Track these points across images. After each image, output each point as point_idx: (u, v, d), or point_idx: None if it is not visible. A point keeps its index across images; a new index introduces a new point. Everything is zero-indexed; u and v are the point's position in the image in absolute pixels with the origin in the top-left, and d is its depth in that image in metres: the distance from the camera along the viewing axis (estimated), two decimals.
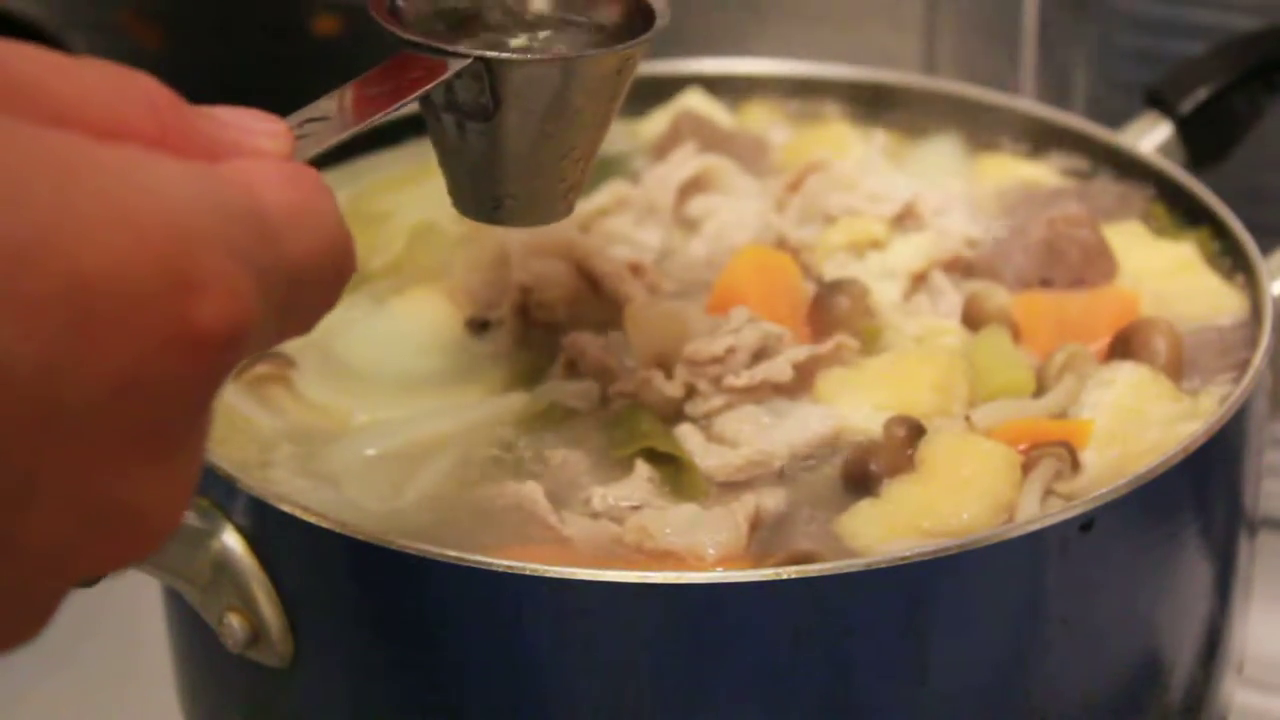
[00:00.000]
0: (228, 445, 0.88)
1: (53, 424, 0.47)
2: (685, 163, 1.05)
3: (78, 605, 0.63)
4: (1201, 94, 1.10)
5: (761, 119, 1.15)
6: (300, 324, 0.57)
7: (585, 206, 1.04)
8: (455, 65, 0.74)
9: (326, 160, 1.09)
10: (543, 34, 0.82)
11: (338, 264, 0.57)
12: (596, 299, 0.96)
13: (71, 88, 0.52)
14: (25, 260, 0.46)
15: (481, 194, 0.79)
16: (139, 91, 0.53)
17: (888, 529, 0.82)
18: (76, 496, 0.48)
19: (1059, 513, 0.79)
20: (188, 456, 0.51)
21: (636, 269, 0.97)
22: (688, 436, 0.87)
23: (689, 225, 1.03)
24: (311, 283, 0.55)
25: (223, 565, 0.81)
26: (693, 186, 1.04)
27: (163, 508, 0.51)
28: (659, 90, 1.15)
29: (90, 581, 0.53)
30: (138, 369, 0.48)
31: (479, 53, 0.74)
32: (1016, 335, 0.94)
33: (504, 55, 0.75)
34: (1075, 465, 0.85)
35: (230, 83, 1.50)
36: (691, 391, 0.89)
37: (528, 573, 0.76)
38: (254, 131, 0.58)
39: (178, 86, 0.55)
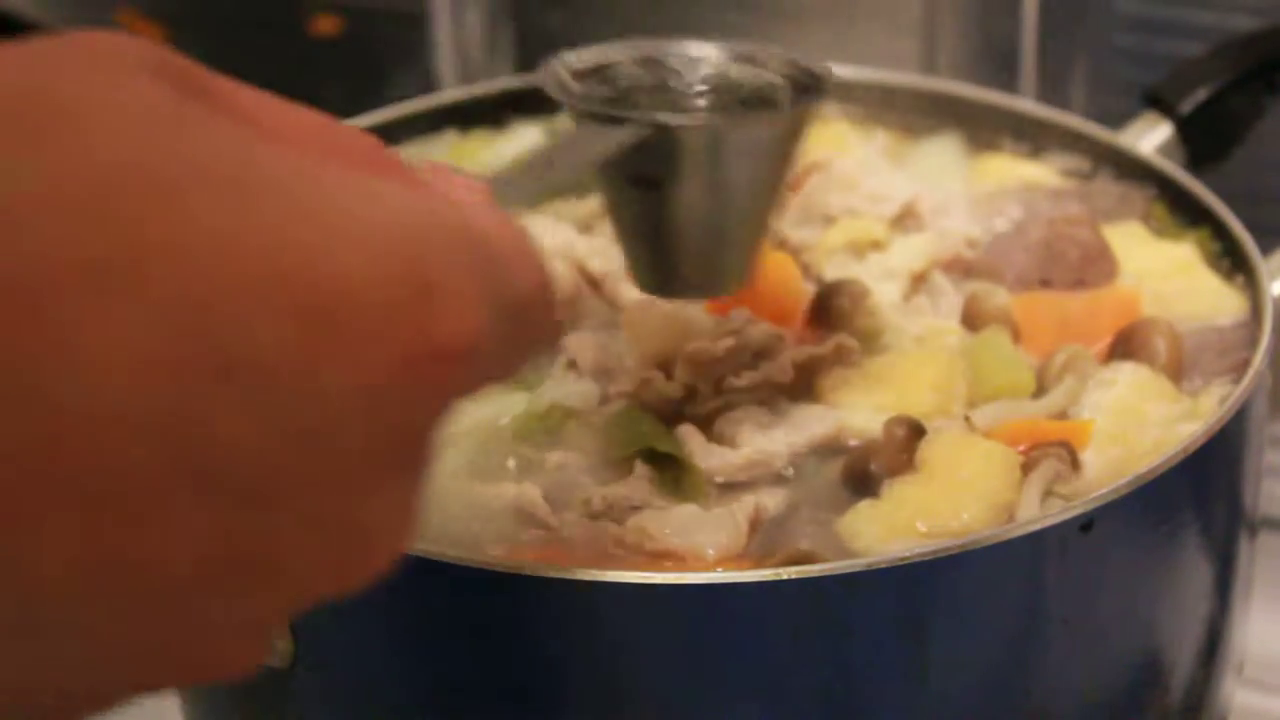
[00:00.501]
0: None
1: (299, 432, 0.47)
2: None
3: None
4: (1201, 94, 1.10)
5: None
6: (510, 364, 0.56)
7: (585, 207, 1.04)
8: (632, 131, 0.73)
9: None
10: (710, 101, 0.82)
11: (549, 305, 0.56)
12: (596, 299, 0.96)
13: (289, 120, 0.53)
14: (274, 265, 0.46)
15: (660, 266, 0.80)
16: (347, 131, 0.54)
17: (888, 529, 0.82)
18: (317, 513, 0.48)
19: (1059, 513, 0.79)
20: (415, 480, 0.51)
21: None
22: (688, 437, 0.87)
23: None
24: (526, 321, 0.54)
25: None
26: None
27: (393, 530, 0.51)
28: None
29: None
30: (378, 379, 0.48)
31: (656, 117, 0.74)
32: (1016, 336, 0.94)
33: (681, 120, 0.75)
34: (1075, 465, 0.85)
35: None
36: (691, 392, 0.89)
37: (527, 573, 0.76)
38: (453, 181, 0.58)
39: None
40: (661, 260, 0.80)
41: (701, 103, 0.81)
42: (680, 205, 0.77)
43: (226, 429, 0.46)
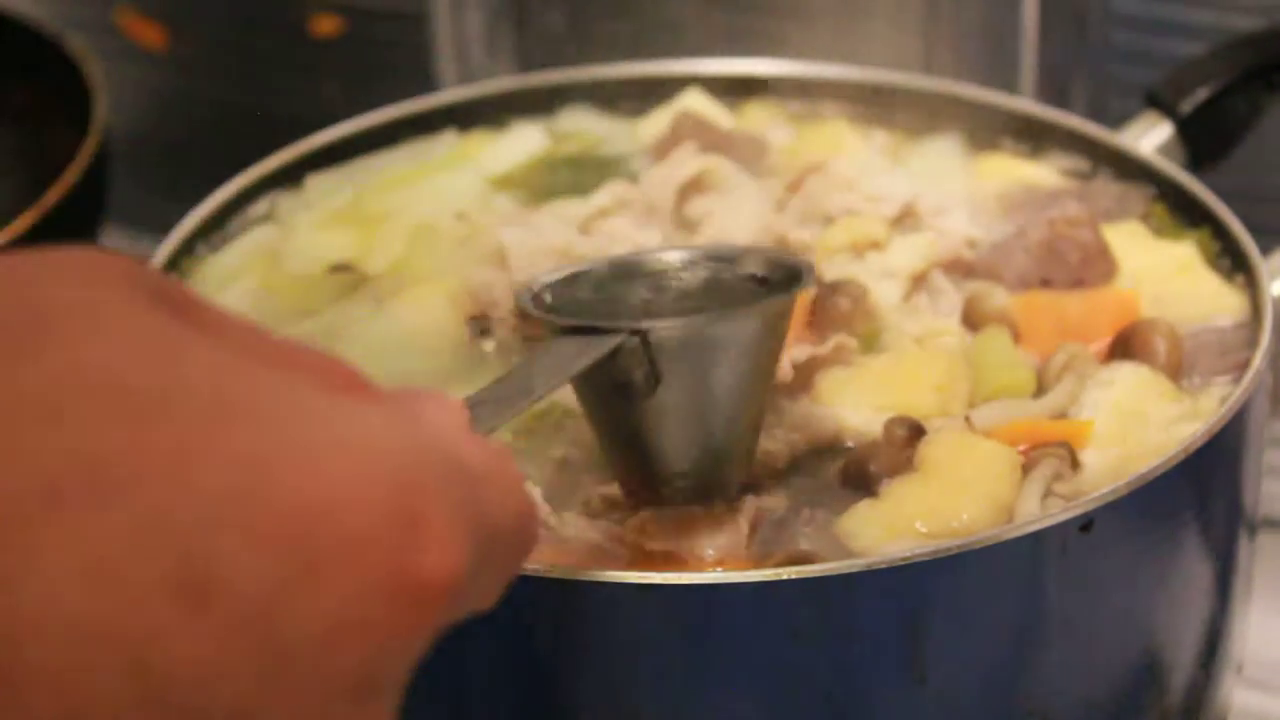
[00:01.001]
0: None
1: (268, 661, 0.45)
2: (685, 163, 1.05)
3: None
4: (1201, 94, 1.10)
5: (761, 119, 1.15)
6: (488, 593, 0.55)
7: (585, 207, 1.04)
8: (610, 341, 0.73)
9: (326, 161, 1.10)
10: (688, 305, 0.81)
11: (527, 530, 0.55)
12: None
13: (270, 344, 0.51)
14: (252, 486, 0.45)
15: (652, 474, 0.79)
16: (324, 356, 0.53)
17: (888, 529, 0.82)
18: None
19: (1059, 513, 0.79)
20: (388, 710, 0.50)
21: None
22: None
23: (689, 226, 1.03)
24: (502, 548, 0.54)
25: None
26: (692, 187, 1.04)
27: None
28: (659, 90, 1.15)
29: None
30: (356, 610, 0.46)
31: (633, 324, 0.74)
32: (1016, 336, 0.94)
33: (660, 325, 0.75)
34: (1075, 466, 0.85)
35: (230, 82, 1.50)
36: None
37: (528, 573, 0.76)
38: (430, 404, 0.56)
39: (178, 86, 0.55)
40: (656, 468, 0.79)
41: (678, 306, 0.81)
42: (670, 411, 0.77)
43: (189, 651, 0.44)
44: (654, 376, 0.75)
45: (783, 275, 0.80)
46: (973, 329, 0.94)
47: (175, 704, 0.45)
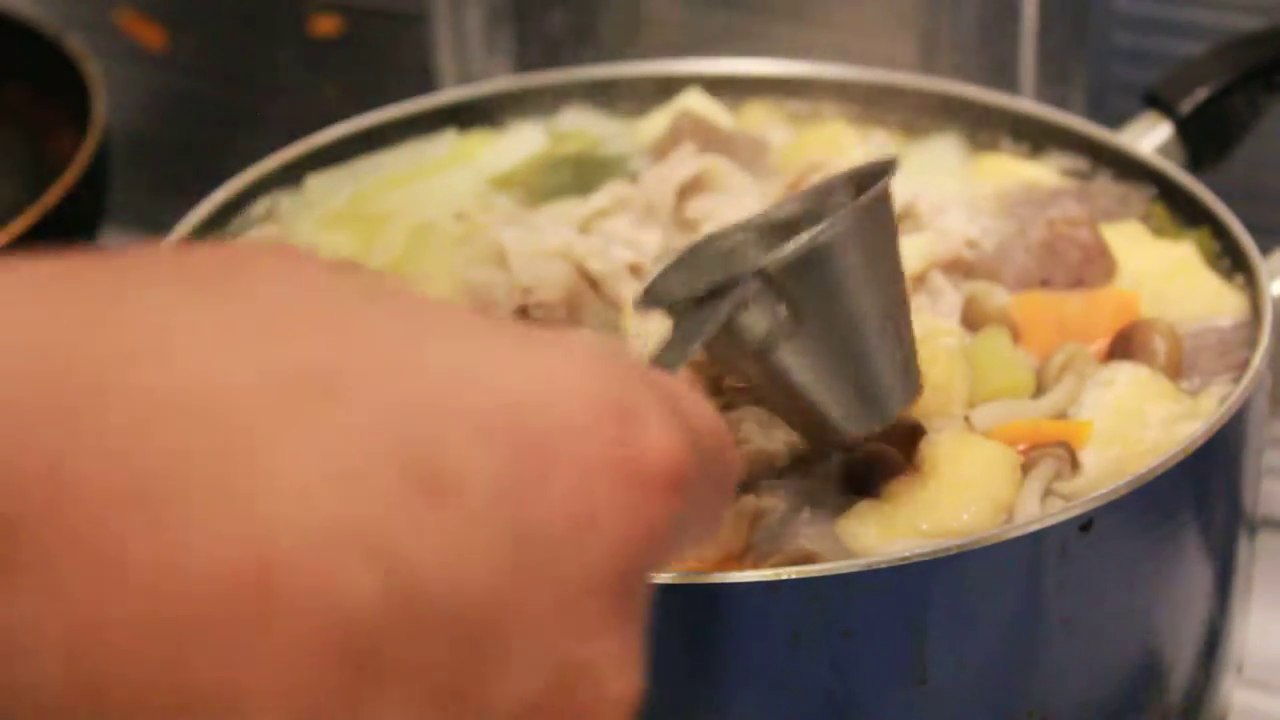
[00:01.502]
0: None
1: (515, 549, 0.45)
2: (685, 163, 1.05)
3: None
4: (1201, 94, 1.10)
5: (761, 119, 1.15)
6: (710, 512, 0.54)
7: (585, 207, 1.04)
8: (744, 289, 0.72)
9: (326, 161, 1.10)
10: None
11: (729, 452, 0.55)
12: (597, 299, 0.96)
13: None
14: (465, 386, 0.46)
15: (840, 410, 0.78)
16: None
17: (888, 529, 0.82)
18: (543, 655, 0.46)
19: (1059, 513, 0.79)
20: (636, 623, 0.49)
21: (636, 269, 0.97)
22: None
23: (689, 226, 1.03)
24: (713, 464, 0.53)
25: None
26: (692, 187, 1.04)
27: (620, 673, 0.48)
28: (659, 90, 1.15)
29: None
30: (585, 499, 0.46)
31: (754, 264, 0.73)
32: (1016, 335, 0.94)
33: (780, 254, 0.73)
34: (1075, 465, 0.85)
35: (230, 82, 1.50)
36: None
37: None
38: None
39: (178, 86, 0.55)
40: (821, 415, 0.78)
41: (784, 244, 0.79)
42: (817, 345, 0.75)
43: (437, 543, 0.44)
44: (791, 312, 0.74)
45: (872, 172, 0.79)
46: (972, 329, 0.94)
47: (429, 601, 0.44)
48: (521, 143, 1.12)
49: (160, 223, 1.05)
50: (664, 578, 0.76)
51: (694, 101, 1.14)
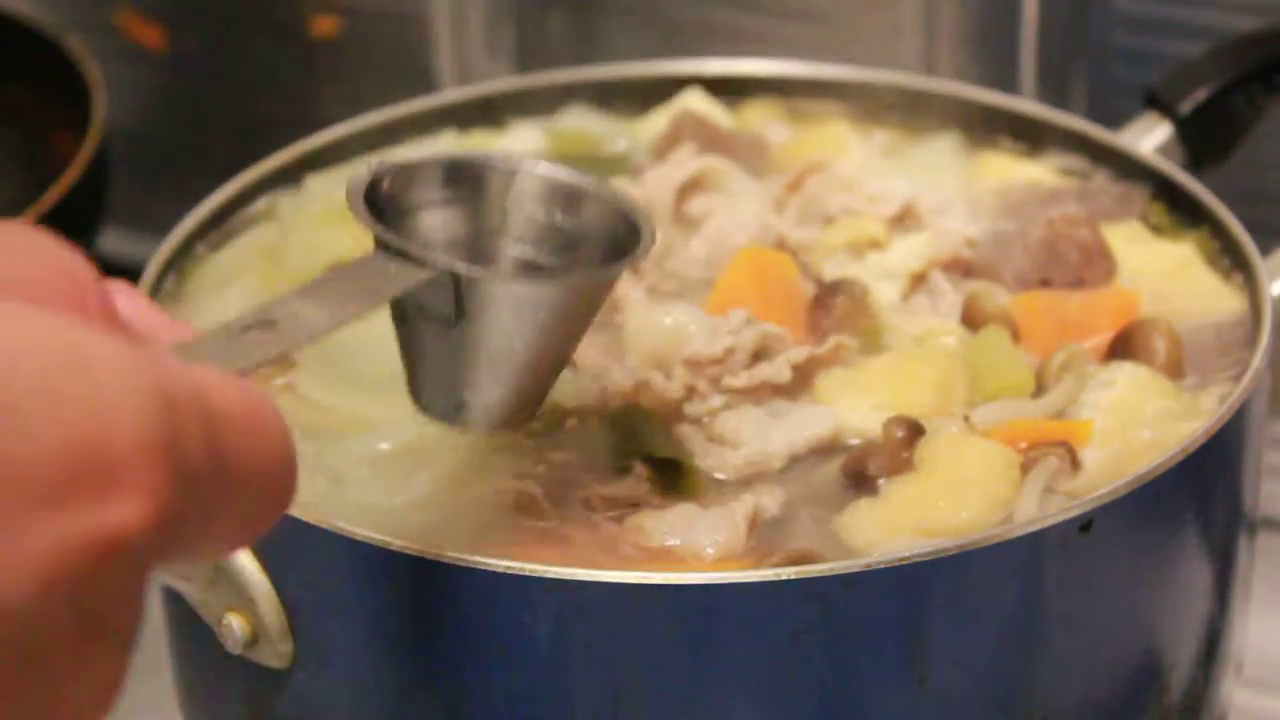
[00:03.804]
0: None
1: None
2: (685, 163, 1.05)
3: None
4: (1201, 94, 1.10)
5: (761, 119, 1.15)
6: (228, 535, 0.53)
7: None
8: (423, 274, 0.72)
9: (326, 161, 1.10)
10: (516, 250, 0.81)
11: (280, 482, 0.54)
12: None
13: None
14: None
15: (442, 395, 0.78)
16: (61, 264, 0.50)
17: (887, 529, 0.82)
18: (8, 692, 0.46)
19: (1058, 513, 0.79)
20: (117, 651, 0.49)
21: (636, 269, 0.97)
22: (687, 437, 0.87)
23: (689, 225, 1.03)
24: (244, 491, 0.52)
25: (222, 565, 0.81)
26: (692, 187, 1.04)
27: (91, 702, 0.48)
28: (659, 90, 1.15)
29: None
30: (58, 563, 0.45)
31: (450, 265, 0.73)
32: (1016, 335, 0.94)
33: (474, 272, 0.73)
34: (1075, 465, 0.85)
35: (230, 82, 1.50)
36: (691, 392, 0.89)
37: (527, 573, 0.76)
38: (162, 334, 0.54)
39: (178, 86, 0.55)
40: (446, 391, 0.77)
41: (509, 248, 0.80)
42: (468, 346, 0.75)
43: None
44: (458, 313, 0.74)
45: (624, 233, 0.79)
46: (972, 329, 0.94)
47: None
48: (521, 143, 1.12)
49: (160, 223, 1.05)
50: (664, 578, 0.76)
51: (694, 101, 1.14)
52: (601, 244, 0.80)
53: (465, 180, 0.80)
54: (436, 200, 0.80)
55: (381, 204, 0.77)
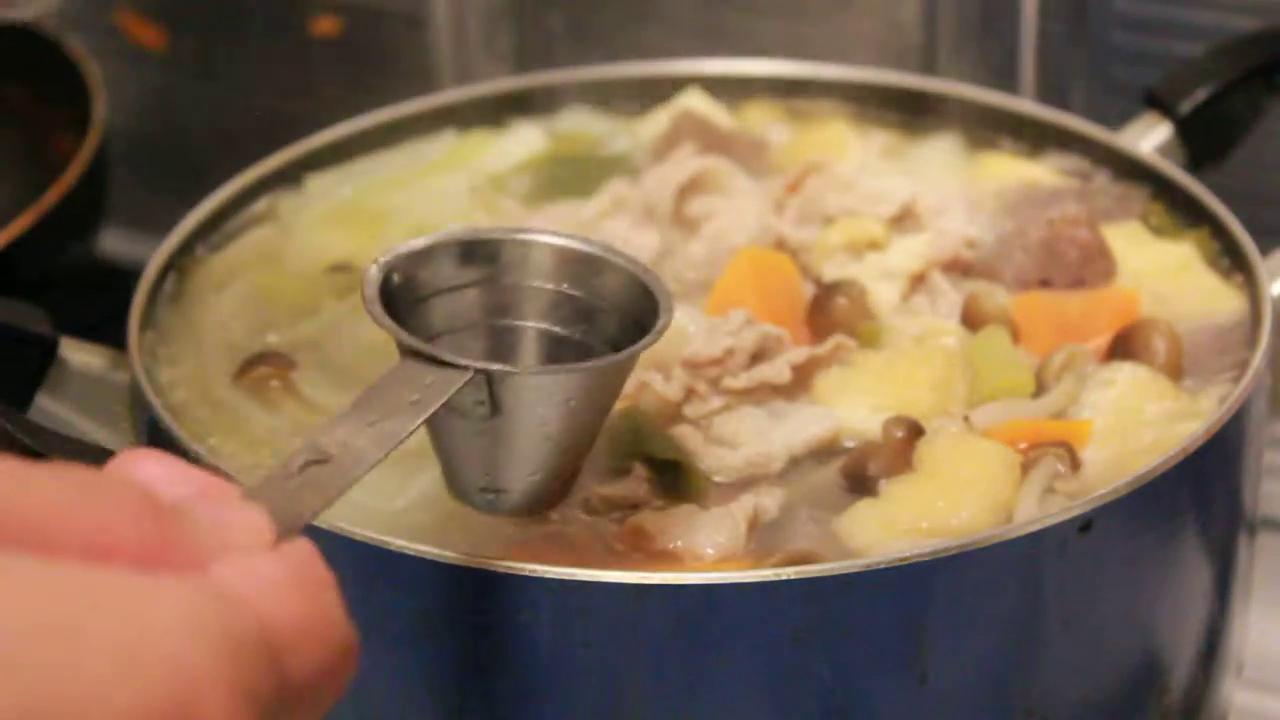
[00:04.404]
0: (228, 445, 0.88)
1: None
2: (684, 163, 1.05)
3: None
4: (1201, 94, 1.10)
5: (761, 119, 1.15)
6: None
7: (586, 209, 1.04)
8: (459, 380, 0.72)
9: (326, 161, 1.10)
10: (541, 314, 0.81)
11: (342, 671, 0.55)
12: None
13: (42, 504, 0.48)
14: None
15: (479, 485, 0.79)
16: (115, 499, 0.50)
17: (887, 529, 0.82)
18: None
19: (1058, 513, 0.79)
20: None
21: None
22: (687, 438, 0.87)
23: (688, 226, 1.03)
24: (314, 693, 0.53)
25: None
26: (692, 187, 1.04)
27: None
28: (659, 90, 1.15)
29: None
30: None
31: (481, 365, 0.73)
32: (1016, 335, 0.94)
33: (506, 369, 0.74)
34: (1075, 465, 0.85)
35: (230, 82, 1.50)
36: (690, 393, 0.89)
37: (527, 573, 0.76)
38: (233, 529, 0.53)
39: (178, 86, 0.55)
40: (480, 480, 0.78)
41: (528, 322, 0.80)
42: (501, 438, 0.76)
43: None
44: (492, 409, 0.75)
45: (642, 307, 0.79)
46: (972, 329, 0.94)
47: None
48: (521, 143, 1.12)
49: (160, 223, 1.05)
50: (664, 578, 0.76)
51: (694, 101, 1.14)
52: (618, 310, 0.80)
53: (478, 258, 0.80)
54: (450, 283, 0.80)
55: (394, 295, 0.77)
